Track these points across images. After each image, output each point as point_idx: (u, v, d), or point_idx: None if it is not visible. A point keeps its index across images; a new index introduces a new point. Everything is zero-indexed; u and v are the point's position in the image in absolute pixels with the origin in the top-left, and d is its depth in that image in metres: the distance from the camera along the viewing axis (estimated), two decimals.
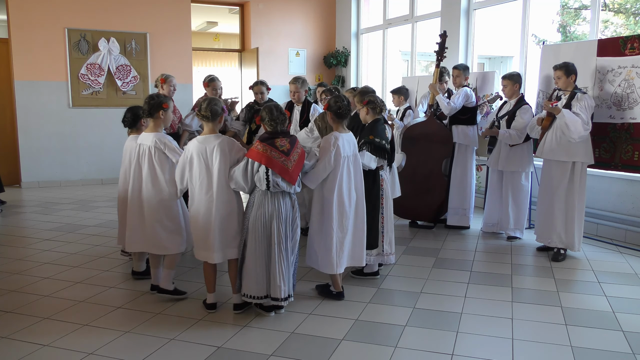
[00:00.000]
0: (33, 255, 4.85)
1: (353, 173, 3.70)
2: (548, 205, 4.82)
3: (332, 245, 3.64)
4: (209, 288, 3.59)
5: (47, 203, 7.19)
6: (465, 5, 7.35)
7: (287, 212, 3.42)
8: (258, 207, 3.39)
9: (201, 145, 3.41)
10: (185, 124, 5.26)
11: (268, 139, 3.37)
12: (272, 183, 3.31)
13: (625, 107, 4.81)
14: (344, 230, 3.68)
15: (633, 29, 10.08)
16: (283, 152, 3.33)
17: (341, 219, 3.66)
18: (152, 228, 3.68)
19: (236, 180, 3.37)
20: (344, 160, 3.62)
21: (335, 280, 3.78)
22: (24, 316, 3.51)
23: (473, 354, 3.00)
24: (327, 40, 10.37)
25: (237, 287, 3.52)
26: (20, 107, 8.18)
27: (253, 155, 3.33)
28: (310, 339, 3.19)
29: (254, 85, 5.61)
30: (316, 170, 3.57)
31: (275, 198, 3.39)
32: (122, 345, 3.11)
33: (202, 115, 3.44)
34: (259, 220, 3.38)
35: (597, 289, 4.04)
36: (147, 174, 3.67)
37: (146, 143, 3.68)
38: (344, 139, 3.65)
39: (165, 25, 8.98)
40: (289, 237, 3.44)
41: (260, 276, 3.41)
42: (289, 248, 3.43)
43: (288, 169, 3.33)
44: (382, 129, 3.98)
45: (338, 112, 3.67)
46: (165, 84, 5.15)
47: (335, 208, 3.63)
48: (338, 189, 3.62)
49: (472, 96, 5.64)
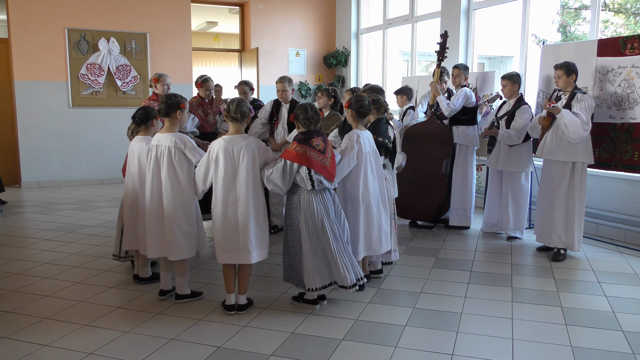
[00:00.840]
0: (33, 255, 4.85)
1: (375, 168, 3.86)
2: (548, 205, 4.81)
3: (358, 236, 3.81)
4: (229, 288, 3.56)
5: (47, 203, 7.19)
6: (465, 5, 7.35)
7: (331, 206, 3.54)
8: (307, 206, 3.46)
9: (228, 145, 3.41)
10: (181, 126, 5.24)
11: (304, 139, 3.44)
12: (316, 182, 3.41)
13: (626, 107, 4.81)
14: (368, 220, 3.84)
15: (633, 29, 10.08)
16: (320, 151, 3.43)
17: (367, 213, 3.82)
18: (172, 233, 3.58)
19: (274, 182, 3.41)
20: (366, 156, 3.77)
21: (364, 265, 4.02)
22: (24, 316, 3.51)
23: (473, 354, 3.00)
24: (327, 40, 10.38)
25: (246, 288, 3.57)
26: (20, 107, 8.18)
27: (291, 156, 3.39)
28: (310, 339, 3.19)
29: (238, 85, 5.70)
30: (340, 166, 3.68)
31: (320, 195, 3.49)
32: (122, 345, 3.11)
33: (231, 117, 3.45)
34: (310, 218, 3.45)
35: (597, 289, 4.04)
36: (167, 175, 3.56)
37: (164, 144, 3.57)
38: (364, 136, 3.79)
39: (165, 25, 8.99)
40: (339, 228, 3.55)
41: (322, 268, 3.51)
42: (342, 238, 3.54)
43: (326, 166, 3.44)
44: (384, 128, 4.08)
45: (359, 110, 3.80)
46: (159, 83, 5.09)
47: (361, 201, 3.78)
48: (363, 184, 3.78)
49: (472, 96, 5.64)
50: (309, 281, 3.50)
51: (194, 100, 5.39)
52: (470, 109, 5.68)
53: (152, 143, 3.66)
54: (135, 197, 3.93)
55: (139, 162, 3.89)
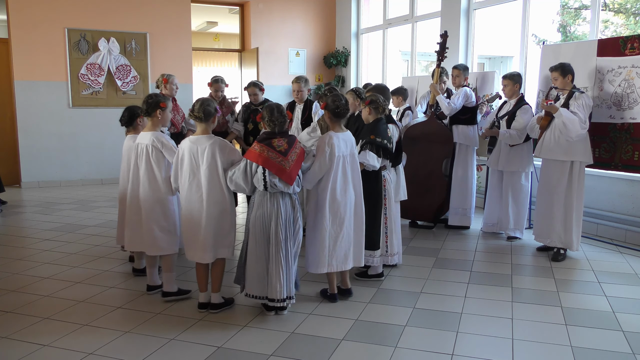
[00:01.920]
0: (33, 255, 4.85)
1: (350, 172, 3.64)
2: (547, 204, 4.82)
3: (324, 244, 3.60)
4: (201, 287, 3.60)
5: (47, 203, 7.19)
6: (465, 5, 7.35)
7: (286, 212, 3.41)
8: (257, 207, 3.41)
9: (193, 145, 3.44)
10: (190, 124, 5.30)
11: (265, 139, 3.38)
12: (270, 183, 3.32)
13: (625, 107, 4.81)
14: (336, 230, 3.61)
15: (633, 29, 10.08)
16: (280, 152, 3.32)
17: (334, 219, 3.60)
18: (149, 228, 3.69)
19: (236, 182, 3.38)
20: (339, 159, 3.57)
21: (331, 281, 3.76)
22: (24, 316, 3.51)
23: (473, 354, 3.00)
24: (327, 40, 10.37)
25: (218, 286, 3.57)
26: (20, 107, 8.18)
27: (251, 156, 3.34)
28: (310, 339, 3.19)
29: (247, 87, 5.63)
30: (312, 171, 3.55)
31: (274, 198, 3.39)
32: (122, 345, 3.11)
33: (194, 116, 3.47)
34: (258, 220, 3.40)
35: (597, 289, 4.04)
36: (145, 173, 3.69)
37: (144, 142, 3.70)
38: (340, 138, 3.60)
39: (165, 25, 8.98)
40: (289, 238, 3.42)
41: (262, 276, 3.42)
42: (289, 248, 3.42)
43: (285, 169, 3.32)
44: (383, 128, 3.93)
45: (336, 111, 3.61)
46: (168, 83, 5.23)
47: (328, 207, 3.58)
48: (331, 188, 3.57)
49: (472, 96, 5.64)
50: (249, 285, 3.47)
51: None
52: (470, 108, 5.68)
53: (136, 141, 3.77)
54: (126, 195, 4.01)
55: (128, 160, 4.00)
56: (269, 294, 3.41)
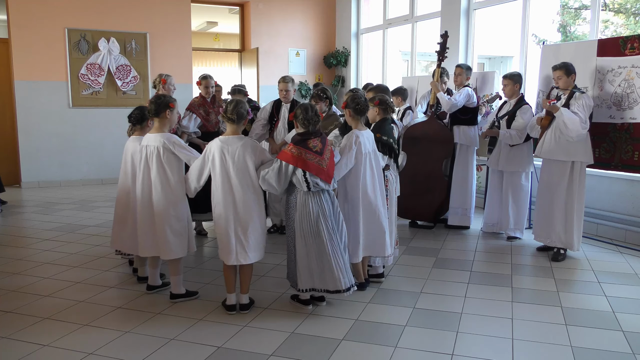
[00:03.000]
0: (33, 255, 4.85)
1: (375, 168, 3.81)
2: (547, 205, 4.81)
3: (359, 238, 3.78)
4: (229, 289, 3.58)
5: (47, 203, 7.19)
6: (465, 5, 7.35)
7: (329, 208, 3.50)
8: (302, 207, 3.45)
9: (224, 145, 3.42)
10: (183, 126, 5.23)
11: (301, 141, 3.42)
12: (312, 184, 3.40)
13: (625, 107, 4.81)
14: (369, 222, 3.80)
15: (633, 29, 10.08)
16: (317, 153, 3.39)
17: (367, 214, 3.78)
18: (162, 232, 3.62)
19: (269, 182, 3.42)
20: (365, 156, 3.73)
21: (358, 270, 3.90)
22: (24, 316, 3.51)
23: (473, 354, 3.00)
24: (327, 40, 10.37)
25: (247, 287, 3.57)
26: (20, 107, 8.18)
27: (287, 158, 3.37)
28: (310, 339, 3.19)
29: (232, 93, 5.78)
30: (338, 167, 3.65)
31: (317, 197, 3.47)
32: (122, 345, 3.11)
33: (227, 117, 3.46)
34: (305, 219, 3.44)
35: (597, 289, 4.04)
36: (156, 175, 3.60)
37: (153, 144, 3.60)
38: (364, 136, 3.75)
39: (165, 25, 8.99)
40: (336, 231, 3.51)
41: (313, 272, 3.49)
42: (338, 241, 3.51)
43: (323, 168, 3.41)
44: (389, 128, 4.06)
45: (357, 108, 3.75)
46: (166, 84, 5.16)
47: (361, 203, 3.75)
48: (362, 185, 3.74)
49: (474, 96, 5.64)
50: (300, 281, 3.51)
51: (196, 100, 5.40)
52: (471, 109, 5.68)
53: (142, 143, 3.69)
54: (127, 197, 3.95)
55: (132, 162, 3.91)
56: (331, 287, 3.47)
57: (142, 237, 3.73)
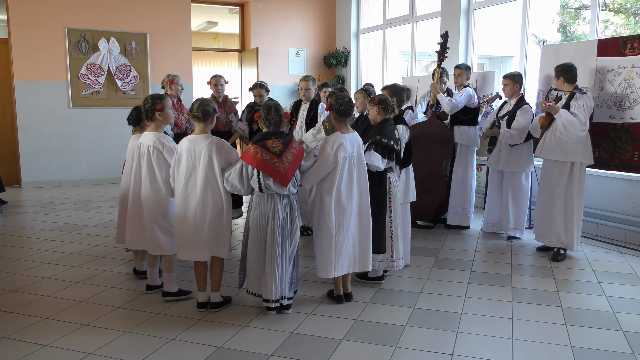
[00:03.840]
0: (33, 255, 4.85)
1: (356, 174, 3.58)
2: (547, 205, 4.82)
3: (330, 248, 3.55)
4: (200, 287, 3.60)
5: (47, 203, 7.19)
6: (465, 5, 7.35)
7: (284, 213, 3.41)
8: (255, 208, 3.44)
9: (191, 144, 3.45)
10: (193, 125, 5.25)
11: (260, 140, 3.37)
12: (264, 185, 3.33)
13: (625, 107, 4.81)
14: (343, 233, 3.56)
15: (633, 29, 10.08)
16: (274, 154, 3.31)
17: (340, 222, 3.54)
18: (150, 228, 3.70)
19: (232, 182, 3.39)
20: (345, 161, 3.51)
21: (337, 284, 3.72)
22: (24, 316, 3.51)
23: (473, 354, 3.00)
24: (327, 40, 10.37)
25: (218, 285, 3.58)
26: (20, 107, 8.18)
27: (246, 158, 3.35)
28: (310, 339, 3.19)
29: (253, 88, 5.61)
30: (313, 170, 3.53)
31: (271, 199, 3.39)
32: (122, 345, 3.11)
33: (193, 116, 3.48)
34: (255, 220, 3.43)
35: (597, 289, 4.04)
36: (146, 173, 3.70)
37: (146, 142, 3.71)
38: (347, 140, 3.54)
39: (165, 25, 8.98)
40: (285, 239, 3.42)
41: (259, 274, 3.45)
42: (285, 249, 3.42)
43: (279, 170, 3.30)
44: (390, 129, 3.85)
45: (340, 109, 3.56)
46: (174, 84, 5.28)
47: (334, 210, 3.53)
48: (337, 191, 3.52)
49: (475, 97, 5.64)
50: (249, 282, 3.52)
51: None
52: (472, 109, 5.68)
53: (139, 141, 3.78)
54: (127, 193, 4.01)
55: (131, 160, 3.98)
56: (264, 294, 3.44)
57: (130, 229, 3.86)
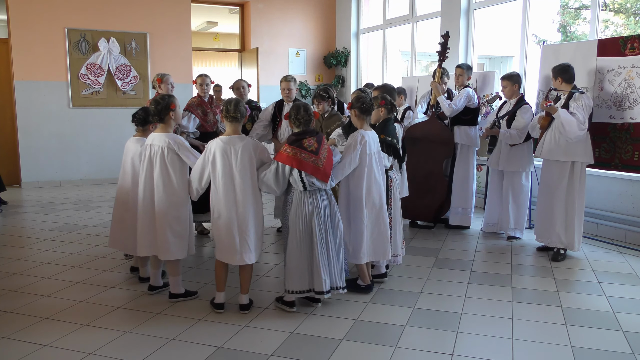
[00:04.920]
0: (33, 255, 4.85)
1: (380, 169, 3.80)
2: (547, 205, 4.82)
3: (362, 239, 3.75)
4: (220, 287, 3.58)
5: (47, 203, 7.19)
6: (465, 5, 7.35)
7: (325, 208, 3.51)
8: (297, 206, 3.46)
9: (226, 145, 3.41)
10: (182, 126, 5.20)
11: (295, 140, 3.42)
12: (308, 183, 3.40)
13: (625, 107, 4.81)
14: (373, 222, 3.79)
15: (633, 29, 10.08)
16: (312, 152, 3.39)
17: (371, 213, 3.77)
18: (163, 232, 3.61)
19: (267, 184, 3.43)
20: (370, 157, 3.71)
21: (363, 272, 3.88)
22: (24, 316, 3.51)
23: (473, 354, 3.00)
24: (327, 40, 10.37)
25: (247, 287, 3.58)
26: (20, 107, 8.18)
27: (283, 158, 3.38)
28: (310, 339, 3.19)
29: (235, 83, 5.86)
30: (342, 166, 3.65)
31: (313, 196, 3.47)
32: (122, 345, 3.11)
33: (231, 117, 3.46)
34: (299, 218, 3.45)
35: (597, 289, 4.04)
36: (159, 175, 3.59)
37: (158, 144, 3.59)
38: (370, 137, 3.74)
39: (165, 25, 8.99)
40: (329, 232, 3.51)
41: (303, 271, 3.49)
42: (330, 242, 3.50)
43: (319, 167, 3.40)
44: (392, 128, 4.04)
45: (362, 107, 3.74)
46: (163, 83, 5.11)
47: (365, 202, 3.73)
48: (367, 184, 3.72)
49: (474, 97, 5.63)
50: (288, 282, 3.52)
51: (194, 101, 5.38)
52: (472, 109, 5.68)
53: (147, 142, 3.69)
54: (126, 197, 3.95)
55: (132, 164, 3.92)
56: (316, 287, 3.47)
57: (141, 236, 3.73)
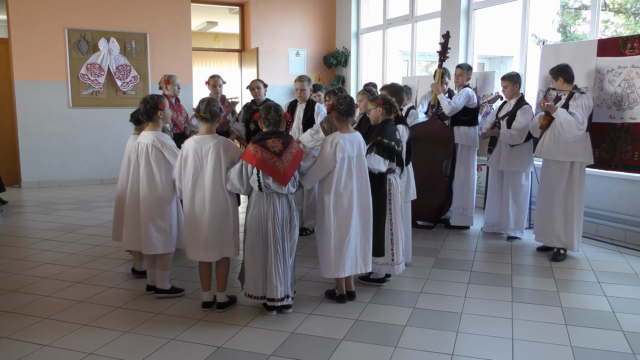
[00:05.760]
0: (33, 255, 4.85)
1: (356, 174, 3.57)
2: (547, 205, 4.82)
3: (329, 248, 3.57)
4: (205, 287, 3.61)
5: (47, 203, 7.19)
6: (465, 5, 7.35)
7: (283, 212, 3.42)
8: (254, 207, 3.44)
9: (197, 145, 3.44)
10: (192, 125, 5.27)
11: (260, 140, 3.39)
12: (263, 184, 3.33)
13: (625, 107, 4.81)
14: (342, 233, 3.56)
15: (633, 29, 10.08)
16: (274, 153, 3.33)
17: (340, 222, 3.56)
18: (146, 227, 3.71)
19: (232, 182, 3.40)
20: (343, 161, 3.52)
21: (339, 284, 3.72)
22: (24, 316, 3.51)
23: (473, 354, 3.00)
24: (327, 40, 10.37)
25: (224, 285, 3.58)
26: (20, 107, 8.18)
27: (246, 157, 3.35)
28: (310, 339, 3.19)
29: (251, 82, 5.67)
30: (312, 170, 3.56)
31: (270, 198, 3.40)
32: (122, 345, 3.11)
33: (200, 117, 3.47)
34: (254, 220, 3.42)
35: (597, 289, 4.04)
36: (144, 172, 3.70)
37: (144, 141, 3.71)
38: (347, 139, 3.55)
39: (165, 25, 8.98)
40: (285, 238, 3.43)
41: (257, 276, 3.45)
42: (286, 249, 3.43)
43: (279, 170, 3.32)
44: (391, 130, 3.82)
45: (340, 108, 3.59)
46: (169, 84, 5.19)
47: (332, 210, 3.55)
48: (335, 191, 3.54)
49: (474, 97, 5.63)
50: (247, 284, 3.51)
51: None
52: (472, 109, 5.68)
53: (137, 140, 3.80)
54: (124, 194, 4.02)
55: (128, 160, 4.00)
56: (268, 294, 3.43)
57: (127, 230, 3.87)
